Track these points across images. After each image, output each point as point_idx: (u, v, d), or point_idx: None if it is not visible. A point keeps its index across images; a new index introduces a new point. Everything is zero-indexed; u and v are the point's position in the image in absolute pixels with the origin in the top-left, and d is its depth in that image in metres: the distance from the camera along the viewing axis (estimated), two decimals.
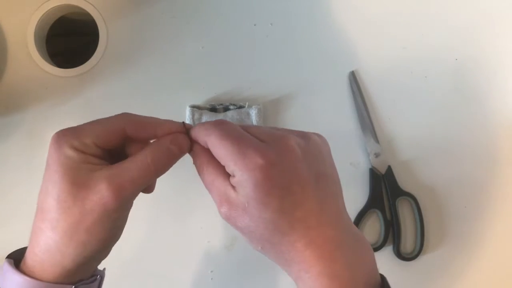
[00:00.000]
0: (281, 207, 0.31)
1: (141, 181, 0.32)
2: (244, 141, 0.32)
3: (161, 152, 0.33)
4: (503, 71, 0.62)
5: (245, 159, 0.31)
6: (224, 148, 0.32)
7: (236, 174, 0.31)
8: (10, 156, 0.57)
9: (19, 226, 0.57)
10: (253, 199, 0.30)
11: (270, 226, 0.31)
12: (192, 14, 0.59)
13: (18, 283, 0.32)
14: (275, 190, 0.30)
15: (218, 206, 0.32)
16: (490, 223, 0.60)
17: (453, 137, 0.61)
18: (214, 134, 0.32)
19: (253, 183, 0.30)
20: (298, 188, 0.31)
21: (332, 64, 0.60)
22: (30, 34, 0.57)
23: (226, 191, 0.32)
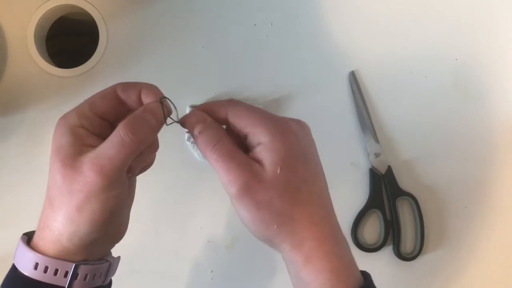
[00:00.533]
0: (304, 176, 0.32)
1: (119, 157, 0.31)
2: (271, 114, 0.33)
3: (134, 123, 0.32)
4: (503, 71, 0.62)
5: (276, 125, 0.32)
6: (253, 115, 0.32)
7: (265, 139, 0.31)
8: (10, 156, 0.57)
9: (19, 226, 0.57)
10: (284, 164, 0.31)
11: (294, 194, 0.31)
12: (192, 14, 0.59)
13: (25, 255, 0.34)
14: (302, 158, 0.32)
15: (236, 177, 0.31)
16: (490, 223, 0.60)
17: (453, 137, 0.61)
18: (239, 105, 0.33)
19: (286, 146, 0.31)
20: (315, 165, 0.34)
21: (332, 64, 0.60)
22: (30, 34, 0.57)
23: (250, 163, 0.32)
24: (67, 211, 0.32)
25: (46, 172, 0.57)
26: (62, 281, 0.33)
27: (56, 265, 0.33)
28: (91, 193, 0.31)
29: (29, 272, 0.33)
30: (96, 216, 0.32)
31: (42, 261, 0.33)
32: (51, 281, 0.33)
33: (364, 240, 0.59)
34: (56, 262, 0.33)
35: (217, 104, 0.34)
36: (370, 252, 0.58)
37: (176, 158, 0.57)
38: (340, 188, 0.59)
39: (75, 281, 0.33)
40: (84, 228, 0.32)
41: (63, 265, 0.33)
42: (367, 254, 0.58)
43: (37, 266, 0.33)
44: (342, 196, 0.59)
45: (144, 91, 0.35)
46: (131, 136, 0.31)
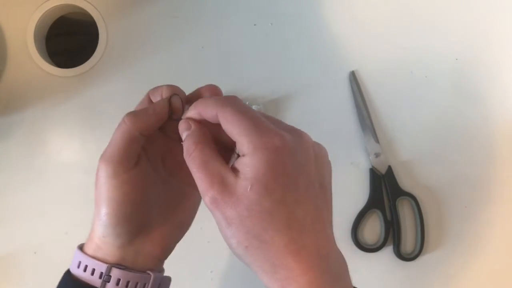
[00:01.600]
0: (283, 199, 0.28)
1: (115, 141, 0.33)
2: (263, 121, 0.30)
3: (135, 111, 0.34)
4: (503, 71, 0.62)
5: (262, 137, 0.29)
6: (240, 123, 0.29)
7: (248, 152, 0.29)
8: (10, 156, 0.57)
9: (19, 226, 0.57)
10: (258, 182, 0.28)
11: (266, 218, 0.28)
12: (192, 14, 0.59)
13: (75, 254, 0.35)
14: (283, 178, 0.28)
15: (206, 189, 0.29)
16: (490, 223, 0.60)
17: (453, 137, 0.61)
18: (231, 107, 0.30)
19: (265, 163, 0.28)
20: (303, 186, 0.29)
21: (332, 64, 0.60)
22: (30, 34, 0.57)
23: (223, 173, 0.29)
24: (95, 208, 0.33)
25: (45, 171, 0.57)
26: (97, 282, 0.33)
27: (92, 264, 0.33)
28: (100, 184, 0.33)
29: (74, 270, 0.34)
30: (107, 208, 0.33)
31: (83, 260, 0.34)
32: (89, 281, 0.33)
33: (364, 240, 0.59)
34: (92, 261, 0.33)
35: (210, 103, 0.32)
36: (370, 252, 0.58)
37: None
38: (340, 188, 0.59)
39: (108, 284, 0.33)
40: (107, 222, 0.33)
41: (98, 265, 0.33)
42: (367, 254, 0.58)
43: (80, 264, 0.34)
44: (342, 196, 0.59)
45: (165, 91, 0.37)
46: (127, 121, 0.33)
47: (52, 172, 0.57)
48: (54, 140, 0.58)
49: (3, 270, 0.56)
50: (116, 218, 0.33)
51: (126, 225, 0.33)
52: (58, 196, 0.57)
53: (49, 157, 0.57)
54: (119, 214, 0.33)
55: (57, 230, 0.57)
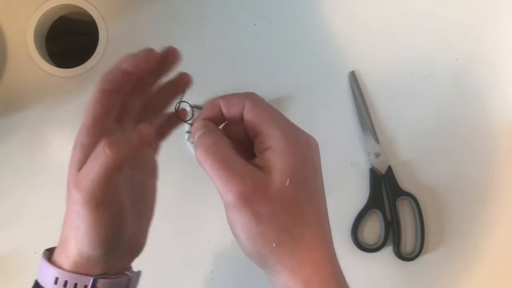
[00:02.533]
0: (314, 192, 0.29)
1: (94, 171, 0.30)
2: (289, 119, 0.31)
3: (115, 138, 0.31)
4: (504, 71, 0.62)
5: (294, 132, 0.29)
6: (273, 115, 0.29)
7: (281, 143, 0.28)
8: (10, 156, 0.57)
9: (19, 226, 0.57)
10: (297, 176, 0.28)
11: (298, 212, 0.28)
12: (192, 14, 0.59)
13: (46, 270, 0.33)
14: (314, 172, 0.29)
15: (234, 186, 0.28)
16: (490, 223, 0.60)
17: (453, 137, 0.61)
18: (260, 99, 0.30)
19: (301, 157, 0.28)
20: (321, 180, 0.31)
21: (332, 64, 0.60)
22: (30, 34, 0.57)
23: (251, 170, 0.28)
24: (72, 231, 0.32)
25: (45, 172, 0.57)
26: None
27: (74, 279, 0.32)
28: (79, 211, 0.31)
29: (51, 287, 0.33)
30: (91, 233, 0.31)
31: (61, 276, 0.32)
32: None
33: (364, 240, 0.59)
34: (74, 276, 0.32)
35: (235, 96, 0.31)
36: (370, 252, 0.58)
37: (176, 158, 0.57)
38: (340, 188, 0.59)
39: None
40: (87, 245, 0.32)
41: (81, 279, 0.32)
42: (367, 254, 0.58)
43: (57, 280, 0.32)
44: (342, 196, 0.59)
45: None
46: (110, 153, 0.29)
47: (52, 172, 0.57)
48: (54, 140, 0.58)
49: (3, 270, 0.56)
50: (100, 240, 0.32)
51: (112, 243, 0.32)
52: (58, 196, 0.57)
53: (49, 157, 0.57)
54: (100, 240, 0.32)
55: (57, 230, 0.56)
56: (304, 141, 0.30)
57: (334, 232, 0.60)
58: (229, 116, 0.31)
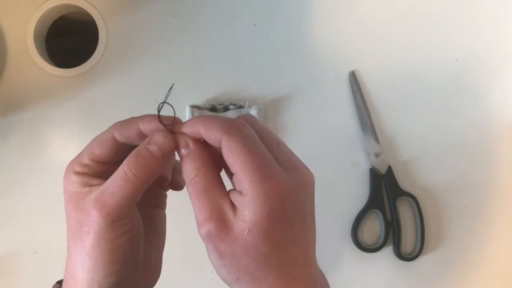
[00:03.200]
0: (280, 242, 0.28)
1: (121, 192, 0.29)
2: (268, 162, 0.28)
3: (137, 156, 0.30)
4: (503, 71, 0.62)
5: (266, 184, 0.28)
6: (245, 159, 0.28)
7: (248, 194, 0.28)
8: (10, 156, 0.57)
9: (19, 226, 0.57)
10: (257, 228, 0.28)
11: (261, 259, 0.28)
12: (192, 14, 0.59)
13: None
14: (282, 223, 0.28)
15: (203, 220, 0.29)
16: (490, 223, 0.60)
17: (453, 137, 0.61)
18: (238, 137, 0.28)
19: (267, 212, 0.27)
20: (298, 225, 0.29)
21: (332, 64, 0.60)
22: (30, 34, 0.57)
23: (223, 207, 0.29)
24: (81, 257, 0.30)
25: (45, 172, 0.57)
26: None
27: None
28: (98, 233, 0.29)
29: None
30: (107, 258, 0.30)
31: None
32: None
33: (364, 240, 0.59)
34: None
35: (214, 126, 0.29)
36: (370, 252, 0.58)
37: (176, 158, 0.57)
38: (340, 188, 0.59)
39: None
40: (100, 273, 0.30)
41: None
42: (367, 254, 0.58)
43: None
44: (342, 196, 0.59)
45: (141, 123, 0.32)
46: (134, 171, 0.29)
47: (52, 172, 0.57)
48: (54, 140, 0.58)
49: (3, 270, 0.56)
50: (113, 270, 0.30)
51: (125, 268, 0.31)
52: (58, 196, 0.57)
53: (49, 157, 0.57)
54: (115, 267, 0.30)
55: (57, 230, 0.56)
56: (275, 193, 0.28)
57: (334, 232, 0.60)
58: (209, 142, 0.30)
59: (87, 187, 0.31)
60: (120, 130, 0.31)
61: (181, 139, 0.31)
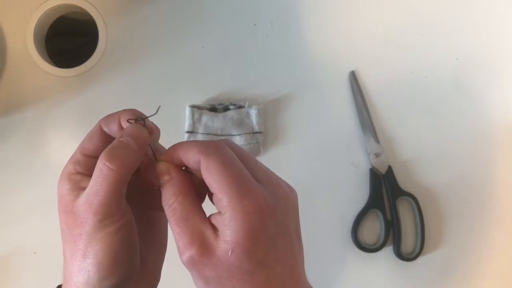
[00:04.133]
0: (264, 259, 0.28)
1: (103, 189, 0.29)
2: (245, 179, 0.28)
3: (111, 151, 0.30)
4: (504, 71, 0.62)
5: (244, 200, 0.27)
6: (221, 178, 0.28)
7: (227, 213, 0.27)
8: (10, 156, 0.57)
9: (19, 226, 0.57)
10: (239, 247, 0.27)
11: (246, 278, 0.28)
12: (192, 14, 0.59)
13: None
14: (265, 240, 0.28)
15: (183, 247, 0.28)
16: (490, 223, 0.60)
17: (453, 137, 0.61)
18: (215, 157, 0.28)
19: (247, 228, 0.27)
20: (283, 241, 0.29)
21: (332, 64, 0.60)
22: (29, 34, 0.57)
23: (204, 232, 0.28)
24: (76, 261, 0.30)
25: (45, 172, 0.57)
26: None
27: None
28: (89, 233, 0.29)
29: None
30: (100, 258, 0.30)
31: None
32: None
33: (364, 240, 0.59)
34: None
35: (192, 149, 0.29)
36: (370, 252, 0.58)
37: None
38: (340, 188, 0.59)
39: None
40: (94, 275, 0.30)
41: None
42: (367, 254, 0.58)
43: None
44: (342, 196, 0.59)
45: (122, 116, 0.32)
46: (109, 164, 0.29)
47: (52, 172, 0.57)
48: (54, 140, 0.58)
49: (3, 270, 0.56)
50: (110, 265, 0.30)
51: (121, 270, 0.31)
52: None
53: (49, 157, 0.57)
54: (109, 267, 0.30)
55: (57, 230, 0.56)
56: (254, 208, 0.27)
57: (334, 232, 0.60)
58: (190, 166, 0.30)
59: (76, 190, 0.31)
60: (106, 122, 0.32)
61: (161, 166, 0.31)
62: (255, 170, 0.30)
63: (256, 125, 0.57)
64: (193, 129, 0.57)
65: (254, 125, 0.57)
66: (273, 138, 0.59)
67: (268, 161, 0.58)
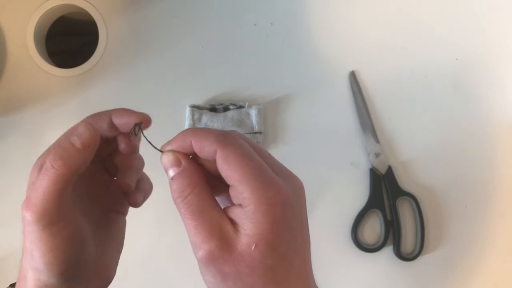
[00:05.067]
0: (285, 254, 0.27)
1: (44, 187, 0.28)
2: (267, 171, 0.27)
3: (58, 147, 0.29)
4: (503, 71, 0.61)
5: (268, 192, 0.26)
6: (244, 170, 0.27)
7: (250, 205, 0.26)
8: (10, 156, 0.57)
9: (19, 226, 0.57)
10: (263, 240, 0.26)
11: (268, 274, 0.27)
12: (192, 14, 0.59)
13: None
14: (286, 233, 0.27)
15: (202, 241, 0.27)
16: (490, 223, 0.60)
17: (453, 137, 0.61)
18: (234, 147, 0.27)
19: (272, 221, 0.26)
20: (300, 235, 0.28)
21: (332, 64, 0.60)
22: (29, 34, 0.57)
23: (223, 226, 0.27)
24: (28, 258, 0.30)
25: None
26: None
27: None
28: (32, 233, 0.29)
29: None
30: (47, 259, 0.29)
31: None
32: None
33: (364, 240, 0.59)
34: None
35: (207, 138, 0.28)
36: (370, 252, 0.58)
37: None
38: (340, 188, 0.59)
39: None
40: (45, 273, 0.29)
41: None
42: (367, 254, 0.58)
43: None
44: (342, 196, 0.59)
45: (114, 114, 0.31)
46: (52, 163, 0.29)
47: None
48: (54, 140, 0.58)
49: (3, 271, 0.56)
50: (56, 264, 0.29)
51: (70, 268, 0.30)
52: None
53: None
54: (56, 265, 0.29)
55: None
56: (278, 200, 0.27)
57: (334, 232, 0.60)
58: (201, 156, 0.29)
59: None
60: (92, 121, 0.32)
61: (171, 157, 0.29)
62: (269, 162, 0.29)
63: (256, 125, 0.57)
64: None
65: (254, 125, 0.57)
66: (273, 138, 0.59)
67: None
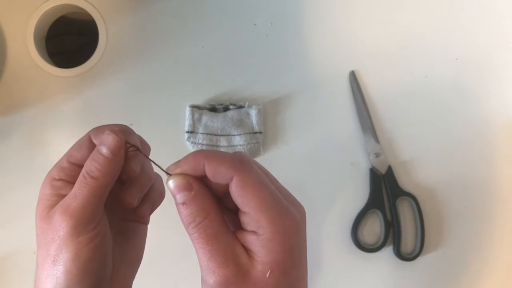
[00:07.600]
0: (296, 279, 0.27)
1: (83, 195, 0.29)
2: (281, 199, 0.27)
3: (93, 159, 0.31)
4: (503, 71, 0.62)
5: (285, 220, 0.26)
6: (262, 198, 0.26)
7: (267, 233, 0.26)
8: (10, 156, 0.57)
9: (19, 226, 0.57)
10: (279, 268, 0.26)
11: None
12: (192, 14, 0.59)
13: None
14: (297, 259, 0.27)
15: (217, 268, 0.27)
16: (490, 223, 0.60)
17: (453, 137, 0.61)
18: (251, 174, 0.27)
19: (287, 249, 0.26)
20: (305, 259, 0.29)
21: (332, 64, 0.60)
22: (29, 34, 0.57)
23: (237, 251, 0.27)
24: (46, 266, 0.30)
25: (45, 171, 0.57)
26: None
27: None
28: (62, 239, 0.29)
29: None
30: (69, 266, 0.29)
31: None
32: None
33: (364, 240, 0.59)
34: None
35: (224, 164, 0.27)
36: (370, 252, 0.58)
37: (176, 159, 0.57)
38: (340, 188, 0.59)
39: None
40: (62, 283, 0.29)
41: None
42: (367, 254, 0.58)
43: None
44: (342, 196, 0.59)
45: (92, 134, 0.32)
46: (91, 173, 0.30)
47: None
48: (54, 140, 0.58)
49: (3, 270, 0.56)
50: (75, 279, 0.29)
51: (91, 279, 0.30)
52: None
53: (48, 157, 0.57)
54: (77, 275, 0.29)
55: None
56: (293, 228, 0.27)
57: (334, 232, 0.60)
58: (213, 181, 0.28)
59: (55, 197, 0.31)
60: (95, 134, 0.32)
61: (182, 181, 0.28)
62: (278, 188, 0.29)
63: (256, 125, 0.57)
64: (193, 129, 0.57)
65: (254, 125, 0.57)
66: (273, 138, 0.59)
67: (268, 161, 0.59)
